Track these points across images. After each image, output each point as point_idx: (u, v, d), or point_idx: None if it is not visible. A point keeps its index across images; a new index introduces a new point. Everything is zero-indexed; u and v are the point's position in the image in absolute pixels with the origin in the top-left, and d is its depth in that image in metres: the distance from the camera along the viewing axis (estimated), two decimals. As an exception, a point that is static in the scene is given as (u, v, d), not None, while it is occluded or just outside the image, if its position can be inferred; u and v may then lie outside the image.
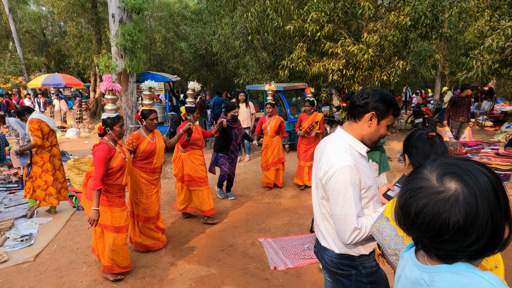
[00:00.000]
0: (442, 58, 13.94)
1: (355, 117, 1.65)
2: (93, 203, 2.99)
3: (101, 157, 3.05)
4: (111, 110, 3.32)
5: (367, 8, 7.20)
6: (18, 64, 19.28)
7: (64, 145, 10.93)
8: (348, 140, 1.67)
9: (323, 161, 1.63)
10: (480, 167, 0.72)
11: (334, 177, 1.55)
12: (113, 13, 7.02)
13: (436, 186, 0.72)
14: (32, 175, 4.76)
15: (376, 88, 1.63)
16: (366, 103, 1.60)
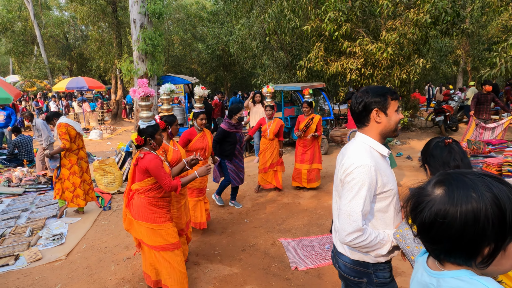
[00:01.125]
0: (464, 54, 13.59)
1: (364, 122, 1.70)
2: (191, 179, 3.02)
3: (158, 164, 2.82)
4: (148, 117, 3.04)
5: (386, 6, 7.13)
6: (43, 68, 19.99)
7: (88, 147, 11.29)
8: (368, 142, 1.69)
9: (344, 161, 1.66)
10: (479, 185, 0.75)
11: (351, 173, 1.58)
12: (135, 19, 7.22)
13: (428, 190, 0.81)
14: (61, 177, 4.99)
15: (364, 89, 1.69)
16: (365, 105, 1.65)
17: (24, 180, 6.95)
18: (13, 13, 19.86)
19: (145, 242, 2.96)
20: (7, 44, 20.17)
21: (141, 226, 2.93)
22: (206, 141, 4.42)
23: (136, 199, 2.97)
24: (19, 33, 20.02)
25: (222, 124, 5.12)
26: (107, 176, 6.44)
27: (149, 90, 3.14)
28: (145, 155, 2.85)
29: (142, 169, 2.84)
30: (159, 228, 2.93)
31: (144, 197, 2.92)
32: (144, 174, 2.87)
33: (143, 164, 2.82)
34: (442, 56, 11.37)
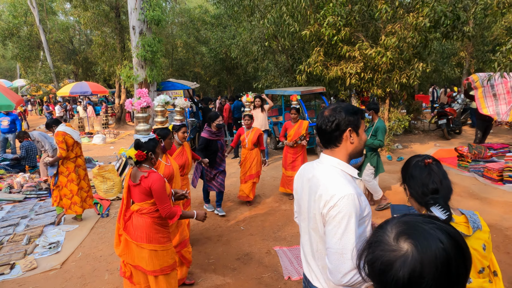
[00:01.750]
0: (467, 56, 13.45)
1: (335, 143, 1.58)
2: (188, 216, 2.89)
3: (163, 186, 2.67)
4: (146, 130, 2.88)
5: (385, 10, 7.09)
6: (48, 73, 20.23)
7: (91, 152, 11.39)
8: (338, 165, 1.57)
9: (321, 192, 1.51)
10: (439, 233, 0.74)
11: (336, 206, 1.43)
12: (134, 25, 7.27)
13: (391, 244, 0.76)
14: (58, 184, 5.04)
15: (334, 107, 1.58)
16: (338, 125, 1.53)
17: (26, 186, 7.02)
18: (19, 19, 20.13)
19: (144, 268, 2.75)
20: (14, 49, 20.44)
21: (143, 249, 2.71)
22: (186, 157, 4.19)
23: (138, 220, 2.73)
24: (25, 38, 20.28)
25: (203, 132, 5.07)
26: (106, 183, 6.48)
27: (149, 100, 2.99)
28: (150, 174, 2.64)
29: (146, 189, 2.64)
30: (161, 249, 2.76)
31: (148, 217, 2.73)
32: (147, 195, 2.68)
33: (147, 185, 2.62)
34: (444, 58, 11.27)
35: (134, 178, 2.73)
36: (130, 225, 2.77)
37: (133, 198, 2.79)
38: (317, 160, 1.71)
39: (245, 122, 5.68)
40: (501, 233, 4.39)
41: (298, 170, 4.66)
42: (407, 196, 1.70)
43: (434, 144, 9.97)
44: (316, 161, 1.71)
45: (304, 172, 1.74)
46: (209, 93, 26.29)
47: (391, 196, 5.87)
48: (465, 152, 7.34)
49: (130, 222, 2.77)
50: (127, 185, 2.77)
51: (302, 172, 1.76)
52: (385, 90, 8.47)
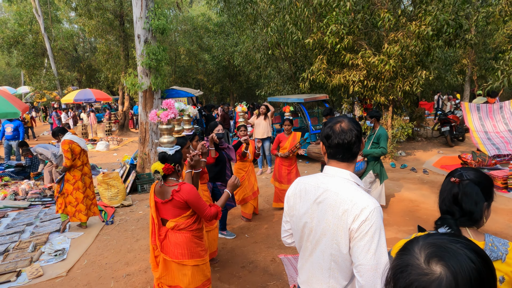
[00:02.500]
0: (470, 63, 13.50)
1: (355, 155, 1.55)
2: (226, 200, 2.77)
3: (197, 193, 2.57)
4: (170, 143, 2.71)
5: (387, 19, 7.15)
6: (52, 80, 20.42)
7: (94, 158, 11.44)
8: (351, 178, 1.53)
9: (346, 207, 1.42)
10: (468, 252, 0.75)
11: (368, 220, 1.37)
12: (139, 34, 7.36)
13: (423, 267, 0.76)
14: (64, 191, 5.07)
15: (345, 119, 1.54)
16: (358, 136, 1.51)
17: (31, 193, 7.06)
18: (24, 27, 20.37)
19: (184, 287, 2.62)
20: (18, 57, 20.64)
21: (185, 266, 2.62)
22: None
23: (177, 237, 2.60)
24: (30, 46, 20.49)
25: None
26: (110, 190, 6.51)
27: (176, 112, 2.85)
28: (181, 187, 2.51)
29: (181, 203, 2.52)
30: (202, 263, 2.69)
31: (186, 232, 2.62)
32: (182, 208, 2.56)
33: (181, 198, 2.50)
34: (447, 66, 11.30)
35: (161, 195, 2.58)
36: (168, 244, 2.62)
37: (165, 215, 2.64)
38: (321, 174, 1.61)
39: (241, 133, 5.28)
40: (506, 242, 4.38)
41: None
42: None
43: (437, 151, 9.96)
44: (320, 174, 1.61)
45: (307, 187, 1.61)
46: (211, 100, 26.41)
47: (395, 204, 5.86)
48: (469, 159, 7.34)
49: (167, 241, 2.63)
50: (154, 204, 2.62)
51: (304, 187, 1.62)
52: (388, 98, 8.51)
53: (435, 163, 8.59)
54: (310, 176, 1.65)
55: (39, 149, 7.30)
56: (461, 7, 7.59)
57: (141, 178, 7.62)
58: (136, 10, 7.29)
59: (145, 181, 7.48)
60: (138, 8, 7.25)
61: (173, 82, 22.17)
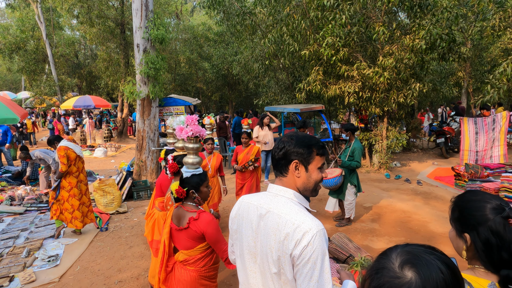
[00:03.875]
0: (465, 76, 13.68)
1: (281, 171, 1.46)
2: None
3: (218, 226, 2.30)
4: (194, 164, 2.39)
5: (382, 32, 7.30)
6: (52, 86, 20.58)
7: (92, 164, 11.50)
8: (295, 197, 1.42)
9: (288, 230, 1.31)
10: (439, 263, 0.83)
11: (310, 245, 1.27)
12: (138, 43, 7.49)
13: (396, 271, 0.84)
14: (59, 198, 5.13)
15: (290, 134, 1.47)
16: (285, 154, 1.42)
17: (27, 199, 7.10)
18: (26, 33, 20.61)
19: None
20: (20, 63, 20.83)
21: None
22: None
23: (182, 274, 2.30)
24: (31, 52, 20.69)
25: None
26: (106, 196, 6.56)
27: (199, 129, 2.51)
28: (200, 215, 2.26)
29: (197, 234, 2.24)
30: None
31: (193, 270, 2.30)
32: (197, 240, 2.27)
33: (199, 228, 2.22)
34: (442, 78, 11.46)
35: (177, 220, 2.32)
36: (172, 278, 2.34)
37: (178, 244, 2.35)
38: (264, 192, 1.51)
39: (208, 146, 5.16)
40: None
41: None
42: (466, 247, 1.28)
43: (432, 162, 10.05)
44: (264, 193, 1.50)
45: (250, 207, 1.50)
46: (210, 108, 26.56)
47: (387, 215, 5.92)
48: (462, 171, 7.41)
49: (172, 274, 2.35)
50: (169, 229, 2.35)
51: (247, 207, 1.51)
52: (383, 109, 8.62)
53: (429, 174, 8.67)
54: (255, 194, 1.54)
55: (38, 154, 7.35)
56: (455, 21, 7.75)
57: (137, 185, 7.67)
58: (136, 20, 7.44)
59: (141, 188, 7.54)
60: (138, 18, 7.40)
61: (172, 90, 22.34)
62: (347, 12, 7.47)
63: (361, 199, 6.71)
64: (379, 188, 7.55)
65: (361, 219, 5.79)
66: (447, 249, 4.43)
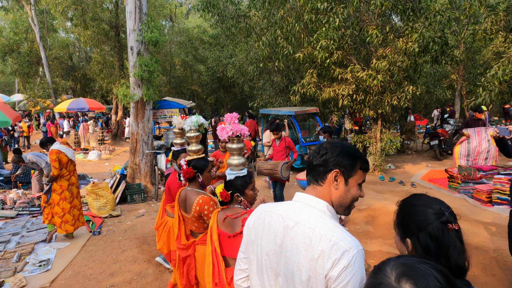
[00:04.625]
0: (459, 78, 13.81)
1: (317, 179, 1.31)
2: None
3: None
4: (238, 165, 2.26)
5: (375, 35, 7.34)
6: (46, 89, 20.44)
7: (86, 167, 11.42)
8: (328, 211, 1.27)
9: (323, 247, 1.16)
10: (435, 272, 0.83)
11: (350, 267, 1.12)
12: (132, 46, 7.46)
13: (394, 285, 0.83)
14: (51, 201, 5.08)
15: (335, 142, 1.35)
16: (326, 160, 1.28)
17: (19, 203, 7.03)
18: (20, 36, 20.48)
19: None
20: (13, 65, 20.68)
21: None
22: None
23: None
24: (25, 55, 20.56)
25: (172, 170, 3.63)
26: (99, 200, 6.51)
27: (239, 128, 2.35)
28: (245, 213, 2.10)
29: None
30: None
31: None
32: None
33: None
34: (436, 81, 11.55)
35: (227, 226, 2.12)
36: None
37: (229, 253, 2.13)
38: (290, 201, 1.35)
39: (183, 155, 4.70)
40: (488, 255, 4.45)
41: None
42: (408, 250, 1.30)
43: (426, 164, 10.10)
44: (290, 202, 1.34)
45: (272, 217, 1.34)
46: (205, 110, 26.54)
47: (381, 217, 5.93)
48: (455, 173, 7.45)
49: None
50: (218, 237, 2.14)
51: (267, 216, 1.35)
52: (377, 112, 8.66)
53: (423, 176, 8.71)
54: (279, 203, 1.38)
55: (31, 157, 7.29)
56: (447, 25, 7.82)
57: (131, 188, 7.63)
58: (129, 22, 7.41)
59: (134, 191, 7.49)
60: (132, 21, 7.38)
61: (167, 92, 22.30)
62: (341, 15, 7.50)
63: (355, 201, 6.72)
64: (373, 190, 7.57)
65: (355, 221, 5.79)
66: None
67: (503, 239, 4.87)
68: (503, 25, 8.22)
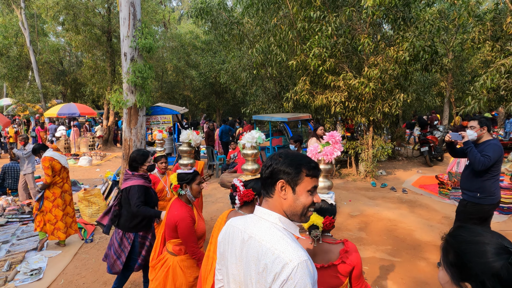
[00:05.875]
0: (447, 86, 14.10)
1: (267, 192, 1.34)
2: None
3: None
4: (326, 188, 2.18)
5: (367, 44, 7.47)
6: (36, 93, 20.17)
7: (76, 173, 11.28)
8: (280, 222, 1.28)
9: (266, 261, 1.19)
10: None
11: (290, 280, 1.13)
12: (125, 52, 7.45)
13: None
14: (43, 209, 5.02)
15: (280, 152, 1.36)
16: (272, 172, 1.31)
17: (8, 210, 6.91)
18: (9, 39, 20.22)
19: None
20: (2, 69, 20.39)
21: None
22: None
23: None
24: (14, 59, 20.29)
25: (135, 180, 3.42)
26: (91, 207, 6.45)
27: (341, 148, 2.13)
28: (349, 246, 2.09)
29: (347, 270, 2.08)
30: None
31: None
32: (342, 277, 2.09)
33: (351, 263, 2.03)
34: (426, 88, 11.76)
35: (317, 256, 2.07)
36: None
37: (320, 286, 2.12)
38: (252, 215, 1.39)
39: (160, 165, 4.55)
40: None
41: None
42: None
43: (417, 170, 10.24)
44: (249, 216, 1.39)
45: (234, 231, 1.38)
46: (198, 116, 26.49)
47: (373, 223, 6.00)
48: (445, 179, 7.58)
49: None
50: None
51: (232, 230, 1.40)
52: (368, 118, 8.77)
53: (414, 183, 8.83)
54: (243, 217, 1.42)
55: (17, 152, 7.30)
56: (437, 34, 8.00)
57: (123, 195, 7.56)
58: (123, 29, 7.41)
59: (127, 198, 7.42)
60: (126, 27, 7.37)
61: (159, 97, 22.21)
62: (333, 24, 7.62)
63: (348, 208, 6.79)
64: (365, 197, 7.64)
65: (348, 228, 5.84)
66: (432, 257, 4.52)
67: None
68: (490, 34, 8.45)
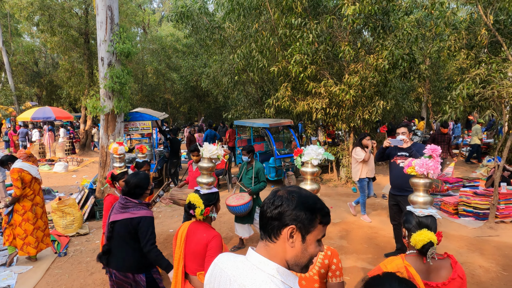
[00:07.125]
0: (425, 92, 14.47)
1: (270, 235, 1.15)
2: None
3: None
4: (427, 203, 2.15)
5: (347, 51, 7.53)
6: (9, 95, 19.45)
7: (51, 180, 10.88)
8: (278, 274, 1.11)
9: None
10: None
11: None
12: (102, 57, 7.23)
13: None
14: (12, 223, 4.77)
15: (291, 189, 1.18)
16: (281, 214, 1.12)
17: (-24, 222, 6.56)
18: (-20, 40, 19.42)
19: None
20: (-28, 70, 19.57)
21: None
22: None
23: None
24: (-15, 60, 19.52)
25: (143, 210, 2.84)
26: (65, 218, 6.19)
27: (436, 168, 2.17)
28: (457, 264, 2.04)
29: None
30: None
31: None
32: None
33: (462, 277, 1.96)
34: (404, 94, 12.00)
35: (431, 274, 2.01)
36: None
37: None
38: (243, 257, 1.20)
39: (121, 183, 4.06)
40: (456, 269, 4.60)
41: None
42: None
43: (396, 175, 10.39)
44: (241, 260, 1.20)
45: (222, 276, 1.21)
46: (178, 119, 26.16)
47: (354, 231, 6.01)
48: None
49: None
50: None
51: (219, 274, 1.23)
52: (349, 125, 8.85)
53: (393, 188, 8.95)
54: (233, 258, 1.24)
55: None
56: (415, 42, 8.16)
57: (100, 204, 7.32)
58: (100, 33, 7.19)
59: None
60: (103, 31, 7.16)
61: (139, 100, 21.81)
62: (314, 31, 7.65)
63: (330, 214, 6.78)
64: (346, 203, 7.68)
65: (330, 236, 5.83)
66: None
67: (470, 252, 5.07)
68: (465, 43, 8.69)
